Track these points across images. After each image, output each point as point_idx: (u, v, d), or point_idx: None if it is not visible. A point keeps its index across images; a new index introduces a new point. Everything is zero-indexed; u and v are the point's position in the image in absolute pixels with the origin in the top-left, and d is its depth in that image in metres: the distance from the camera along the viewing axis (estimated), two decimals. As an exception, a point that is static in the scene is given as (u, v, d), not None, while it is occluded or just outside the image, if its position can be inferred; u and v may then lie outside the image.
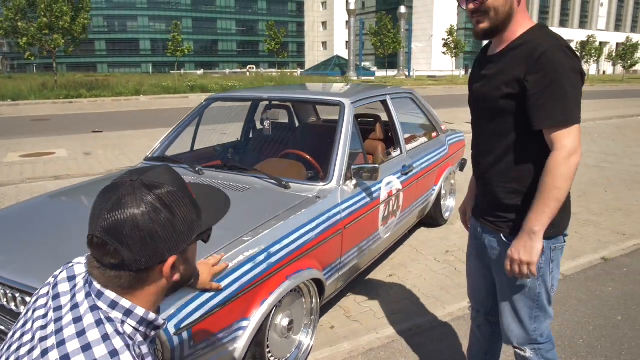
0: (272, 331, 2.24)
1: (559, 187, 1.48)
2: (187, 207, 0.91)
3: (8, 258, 2.05)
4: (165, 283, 0.93)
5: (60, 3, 20.78)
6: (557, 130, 1.48)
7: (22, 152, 8.49)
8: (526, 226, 1.54)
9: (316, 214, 2.43)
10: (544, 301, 1.68)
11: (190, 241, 0.92)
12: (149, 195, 0.86)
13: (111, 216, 0.84)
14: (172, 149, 3.51)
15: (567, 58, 1.47)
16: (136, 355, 0.86)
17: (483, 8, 1.53)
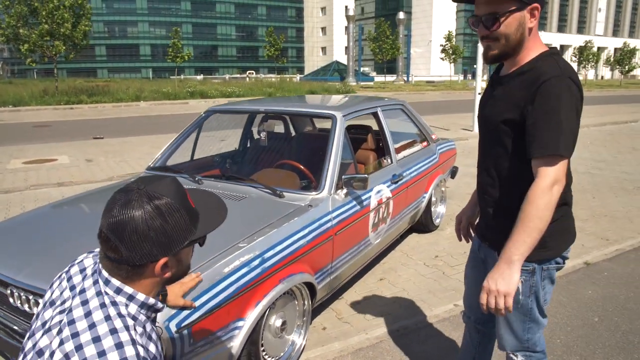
0: (266, 331, 2.40)
1: (540, 216, 1.47)
2: (181, 217, 1.05)
3: (21, 263, 2.22)
4: (159, 279, 1.10)
5: (62, 10, 20.99)
6: (544, 159, 1.47)
7: (25, 158, 8.65)
8: (504, 255, 1.52)
9: (308, 222, 2.60)
10: (536, 314, 1.71)
11: (182, 246, 1.08)
12: (149, 204, 1.01)
13: (116, 216, 1.00)
14: (173, 157, 3.68)
15: (567, 90, 1.47)
16: (138, 334, 1.03)
17: (494, 35, 1.54)
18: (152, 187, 1.05)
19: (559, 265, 1.69)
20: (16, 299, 2.16)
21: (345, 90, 31.20)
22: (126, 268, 1.05)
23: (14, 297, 2.17)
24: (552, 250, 1.64)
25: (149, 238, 1.01)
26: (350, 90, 31.60)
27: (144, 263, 1.04)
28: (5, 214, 5.27)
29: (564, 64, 1.53)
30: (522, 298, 1.67)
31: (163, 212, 1.02)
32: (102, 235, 1.04)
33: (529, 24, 1.54)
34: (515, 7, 1.50)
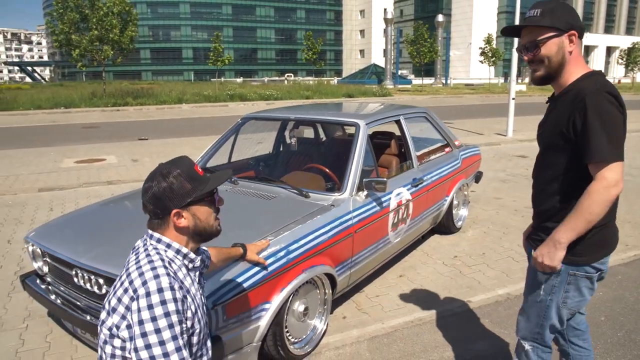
0: (290, 315, 2.72)
1: (592, 211, 1.65)
2: (183, 180, 1.45)
3: (84, 248, 2.62)
4: (185, 225, 1.48)
5: (110, 17, 22.09)
6: (598, 165, 1.64)
7: (77, 158, 9.32)
8: (554, 235, 1.74)
9: (330, 220, 2.91)
10: (551, 314, 1.88)
11: (187, 201, 1.46)
12: (161, 174, 1.45)
13: (144, 186, 1.48)
14: (214, 159, 4.06)
15: (605, 101, 1.65)
16: (172, 274, 1.42)
17: (538, 57, 1.77)
18: (166, 164, 1.50)
19: (588, 274, 1.81)
20: (80, 279, 2.57)
21: (381, 93, 31.34)
22: (158, 221, 1.49)
23: (78, 277, 2.57)
24: (580, 257, 1.77)
25: (161, 194, 1.44)
26: (387, 94, 31.72)
27: (165, 214, 1.47)
28: (62, 209, 5.80)
29: (602, 80, 1.72)
30: (542, 294, 1.88)
31: (168, 178, 1.44)
32: (143, 201, 1.49)
33: (568, 48, 1.76)
34: (554, 33, 1.74)
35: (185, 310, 1.40)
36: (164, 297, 1.34)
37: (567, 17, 1.75)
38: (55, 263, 2.76)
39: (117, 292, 1.41)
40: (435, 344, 2.96)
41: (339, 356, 2.84)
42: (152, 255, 1.45)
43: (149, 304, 1.32)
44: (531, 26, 1.78)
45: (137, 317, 1.32)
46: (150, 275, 1.37)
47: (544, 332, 1.94)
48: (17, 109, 20.73)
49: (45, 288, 2.87)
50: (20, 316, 3.32)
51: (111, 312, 1.39)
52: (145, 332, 1.31)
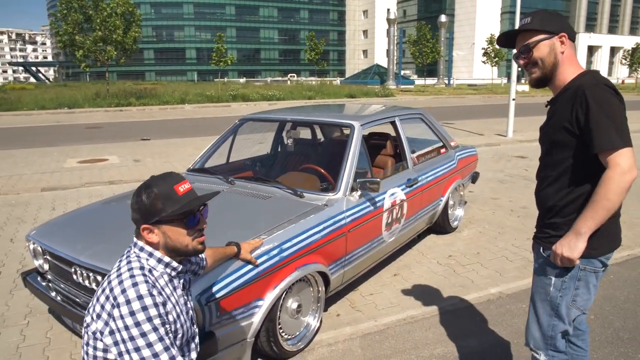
0: (283, 312, 2.78)
1: (609, 198, 1.66)
2: (155, 200, 1.50)
3: (83, 247, 2.69)
4: (149, 241, 1.55)
5: (114, 17, 22.22)
6: (608, 153, 1.67)
7: (80, 158, 9.42)
8: (574, 227, 1.75)
9: (323, 219, 2.97)
10: (562, 312, 1.89)
11: (155, 219, 1.50)
12: (141, 188, 1.54)
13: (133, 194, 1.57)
14: (214, 160, 4.13)
15: (604, 92, 1.70)
16: (151, 281, 1.48)
17: (532, 60, 1.85)
18: (153, 179, 1.56)
19: (596, 269, 1.85)
20: (79, 276, 2.64)
21: (384, 93, 31.37)
22: (136, 232, 1.57)
23: (77, 274, 2.64)
24: (593, 249, 1.79)
25: (137, 208, 1.53)
26: (389, 94, 31.75)
27: (137, 227, 1.55)
28: (64, 209, 5.89)
29: (599, 76, 1.78)
30: (552, 290, 1.89)
31: (145, 194, 1.52)
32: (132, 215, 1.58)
33: (560, 49, 1.83)
34: (545, 36, 1.83)
35: (167, 314, 1.48)
36: (144, 304, 1.41)
37: (557, 21, 1.85)
38: (55, 261, 2.84)
39: (99, 299, 1.48)
40: (426, 341, 3.02)
41: (331, 353, 2.91)
42: (132, 263, 1.52)
43: (130, 310, 1.40)
44: (524, 31, 1.87)
45: (121, 323, 1.40)
46: (129, 284, 1.44)
47: (556, 335, 1.92)
48: (21, 109, 20.88)
49: (45, 285, 2.95)
50: (21, 313, 3.40)
51: (95, 318, 1.46)
52: (132, 336, 1.38)
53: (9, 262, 4.29)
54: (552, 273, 1.89)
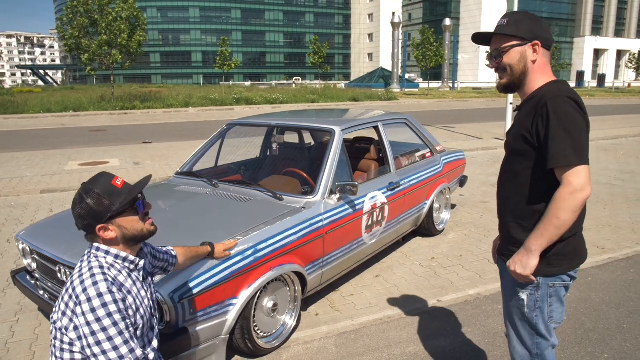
0: (258, 310, 2.89)
1: (559, 217, 1.64)
2: (101, 199, 1.58)
3: (68, 246, 2.81)
4: (112, 236, 1.63)
5: (119, 22, 22.48)
6: (562, 170, 1.64)
7: (81, 160, 9.58)
8: (525, 244, 1.74)
9: (299, 221, 3.08)
10: (542, 330, 1.85)
11: (108, 216, 1.59)
12: (81, 195, 1.60)
13: (72, 208, 1.63)
14: (205, 163, 4.25)
15: (566, 104, 1.64)
16: (110, 278, 1.58)
17: (501, 65, 1.81)
18: (87, 183, 1.63)
19: (565, 283, 1.82)
20: (62, 275, 2.76)
21: (387, 97, 31.47)
22: (90, 235, 1.65)
23: (61, 272, 2.76)
24: (556, 267, 1.77)
25: (84, 214, 1.59)
26: (392, 97, 31.84)
27: (91, 231, 1.62)
28: (61, 210, 6.02)
29: (564, 87, 1.73)
30: (527, 311, 1.84)
31: (87, 198, 1.59)
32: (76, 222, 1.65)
33: (531, 57, 1.77)
34: (517, 42, 1.77)
35: (127, 309, 1.59)
36: (104, 300, 1.52)
37: (533, 27, 1.77)
38: (42, 260, 2.97)
39: (64, 298, 1.59)
40: (399, 340, 3.11)
41: (306, 350, 3.01)
42: (91, 263, 1.62)
43: (91, 307, 1.50)
44: (498, 35, 1.82)
45: (83, 319, 1.50)
46: (90, 283, 1.54)
47: (545, 353, 1.89)
48: (28, 112, 21.16)
49: (34, 284, 3.08)
50: (12, 310, 3.52)
51: (61, 316, 1.57)
52: (94, 331, 1.49)
53: (4, 261, 4.42)
54: (524, 294, 1.85)
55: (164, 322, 2.39)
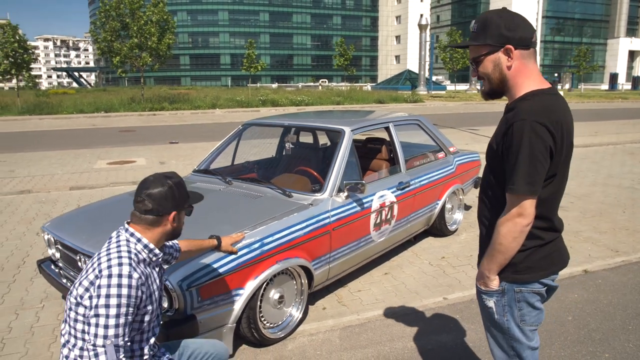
0: (265, 302, 3.02)
1: (501, 243, 1.69)
2: (183, 189, 1.84)
3: (88, 236, 3.00)
4: (168, 228, 1.82)
5: (149, 25, 23.08)
6: (509, 196, 1.66)
7: (110, 159, 9.93)
8: (479, 268, 1.83)
9: (306, 217, 3.20)
10: (515, 334, 1.83)
11: (181, 208, 1.81)
12: (169, 179, 1.81)
13: (149, 187, 1.79)
14: (223, 162, 4.42)
15: (531, 132, 1.58)
16: (134, 264, 1.72)
17: (480, 75, 1.77)
18: (169, 173, 1.86)
19: (536, 290, 1.79)
20: (82, 263, 2.95)
21: (413, 99, 31.36)
22: (151, 218, 1.80)
23: (81, 261, 2.95)
24: (523, 275, 1.76)
25: (168, 196, 1.79)
26: (418, 100, 31.71)
27: (162, 214, 1.80)
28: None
29: (539, 106, 1.63)
30: (497, 317, 1.84)
31: (172, 185, 1.82)
32: (139, 199, 1.81)
33: (506, 63, 1.69)
34: (487, 51, 1.70)
35: (139, 297, 1.71)
36: (121, 282, 1.66)
37: (503, 30, 1.67)
38: (65, 250, 3.17)
39: (88, 271, 1.73)
40: (401, 335, 3.20)
41: (311, 342, 3.13)
42: (121, 246, 1.76)
43: (108, 283, 1.65)
44: (471, 44, 1.76)
45: (97, 291, 1.65)
46: (116, 262, 1.69)
47: (523, 354, 1.88)
48: (62, 112, 21.92)
49: (57, 272, 3.28)
50: (38, 297, 3.75)
51: (78, 286, 1.72)
52: (98, 304, 1.64)
53: (33, 252, 4.68)
54: (490, 301, 1.85)
55: (173, 308, 2.54)
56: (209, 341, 2.27)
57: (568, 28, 70.60)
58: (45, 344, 3.11)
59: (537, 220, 1.70)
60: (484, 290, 1.85)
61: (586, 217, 5.79)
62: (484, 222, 1.88)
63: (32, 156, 10.44)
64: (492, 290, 1.82)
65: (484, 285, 1.83)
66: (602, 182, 7.68)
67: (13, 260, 4.50)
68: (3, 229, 5.43)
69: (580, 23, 70.95)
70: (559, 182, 1.74)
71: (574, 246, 4.81)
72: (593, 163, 9.54)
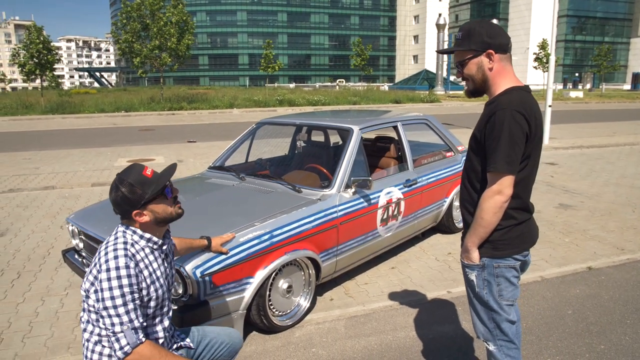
0: (274, 290, 3.19)
1: (482, 217, 1.92)
2: (134, 188, 1.83)
3: (109, 226, 3.20)
4: (146, 220, 1.91)
5: (169, 26, 23.49)
6: (490, 174, 1.90)
7: (129, 157, 10.23)
8: (463, 242, 2.06)
9: (314, 211, 3.36)
10: (494, 306, 2.05)
11: (141, 203, 1.85)
12: (117, 185, 1.85)
13: (110, 195, 1.89)
14: (238, 159, 4.61)
15: (511, 117, 1.83)
16: (130, 254, 1.86)
17: (464, 76, 2.03)
18: (120, 174, 1.88)
19: (511, 264, 2.01)
20: (104, 252, 3.15)
21: (430, 99, 31.29)
22: (126, 220, 1.92)
23: (102, 250, 3.15)
24: (500, 251, 1.99)
25: (120, 201, 1.86)
26: (435, 100, 31.64)
27: (128, 216, 1.89)
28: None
29: (515, 98, 1.89)
30: (477, 290, 2.07)
31: (121, 187, 1.84)
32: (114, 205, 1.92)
33: (488, 65, 1.96)
34: (472, 55, 1.97)
35: (140, 282, 1.86)
36: (119, 273, 1.80)
37: (485, 37, 1.93)
38: (88, 240, 3.38)
39: (94, 265, 1.90)
40: (405, 325, 3.34)
41: (317, 330, 3.29)
42: (118, 239, 1.90)
43: (107, 277, 1.80)
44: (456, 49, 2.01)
45: (99, 285, 1.81)
46: (112, 256, 1.83)
47: (501, 326, 2.07)
48: (84, 112, 22.47)
49: (80, 261, 3.50)
50: (63, 285, 3.98)
51: (86, 281, 1.90)
52: (104, 297, 1.80)
53: (57, 244, 4.93)
54: (472, 274, 2.07)
55: (187, 294, 2.72)
56: (225, 330, 2.39)
57: (590, 27, 69.54)
58: (69, 327, 3.32)
59: (513, 201, 1.94)
60: (467, 264, 2.08)
61: (595, 216, 5.84)
62: (465, 206, 2.11)
63: (55, 154, 10.81)
64: (473, 264, 2.04)
65: (467, 258, 2.05)
66: (614, 182, 7.69)
67: (39, 251, 4.76)
68: (29, 223, 5.71)
69: (602, 22, 69.83)
70: (531, 167, 1.98)
71: (580, 244, 4.89)
72: (608, 163, 9.51)
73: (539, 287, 3.93)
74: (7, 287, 3.96)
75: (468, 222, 2.07)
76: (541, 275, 4.12)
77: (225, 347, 2.30)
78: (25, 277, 4.17)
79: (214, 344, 2.28)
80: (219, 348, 2.28)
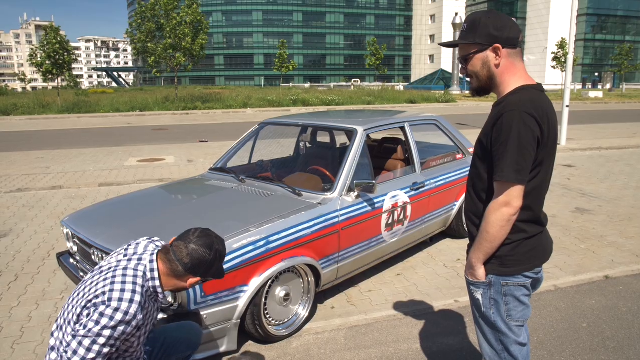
0: (270, 299, 3.05)
1: (488, 231, 1.73)
2: (220, 264, 1.91)
3: (102, 231, 3.10)
4: (183, 285, 1.89)
5: (183, 26, 23.55)
6: (497, 184, 1.71)
7: (140, 157, 10.20)
8: (468, 258, 1.87)
9: (314, 216, 3.21)
10: (502, 328, 1.86)
11: (206, 279, 1.93)
12: (216, 251, 1.89)
13: (199, 246, 1.86)
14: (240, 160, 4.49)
15: (520, 121, 1.64)
16: (142, 301, 1.77)
17: (468, 73, 1.84)
18: (222, 244, 1.92)
19: (521, 283, 1.82)
20: (96, 257, 3.05)
21: (445, 99, 30.93)
22: (180, 270, 1.84)
23: (94, 255, 3.05)
24: (509, 268, 1.80)
25: (203, 265, 1.85)
26: (450, 100, 31.27)
27: (189, 275, 1.87)
28: (114, 202, 6.49)
29: (526, 97, 1.70)
30: (484, 310, 1.88)
31: (217, 258, 1.89)
32: (182, 246, 1.84)
33: (494, 62, 1.77)
34: (477, 49, 1.78)
35: (133, 327, 1.76)
36: (119, 318, 1.70)
37: (491, 30, 1.74)
38: (81, 243, 3.28)
39: (96, 283, 1.78)
40: (408, 336, 3.18)
41: (316, 340, 3.14)
42: (138, 277, 1.80)
43: (106, 313, 1.70)
44: (461, 43, 1.82)
45: (95, 316, 1.70)
46: (128, 297, 1.73)
47: (510, 349, 1.88)
48: (99, 111, 22.65)
49: (75, 265, 3.40)
50: (59, 289, 3.90)
51: (81, 294, 1.79)
52: (91, 329, 1.69)
53: (58, 246, 4.86)
54: (477, 293, 1.89)
55: (177, 303, 2.60)
56: (184, 325, 2.37)
57: (610, 26, 68.13)
58: (61, 333, 3.23)
59: (523, 213, 1.75)
60: (472, 281, 1.89)
61: (613, 222, 5.60)
62: (470, 217, 1.92)
63: (68, 153, 10.84)
64: (479, 281, 1.85)
65: (471, 275, 1.87)
66: (635, 186, 7.40)
67: (39, 253, 4.69)
68: (33, 223, 5.66)
69: (624, 20, 68.36)
70: (544, 175, 1.77)
71: (597, 251, 4.66)
72: (627, 165, 9.19)
73: (552, 297, 3.73)
74: (4, 290, 3.89)
75: (473, 235, 1.88)
76: (555, 284, 3.92)
77: (180, 343, 2.28)
78: (23, 279, 4.10)
79: (169, 342, 2.25)
80: (175, 345, 2.26)
